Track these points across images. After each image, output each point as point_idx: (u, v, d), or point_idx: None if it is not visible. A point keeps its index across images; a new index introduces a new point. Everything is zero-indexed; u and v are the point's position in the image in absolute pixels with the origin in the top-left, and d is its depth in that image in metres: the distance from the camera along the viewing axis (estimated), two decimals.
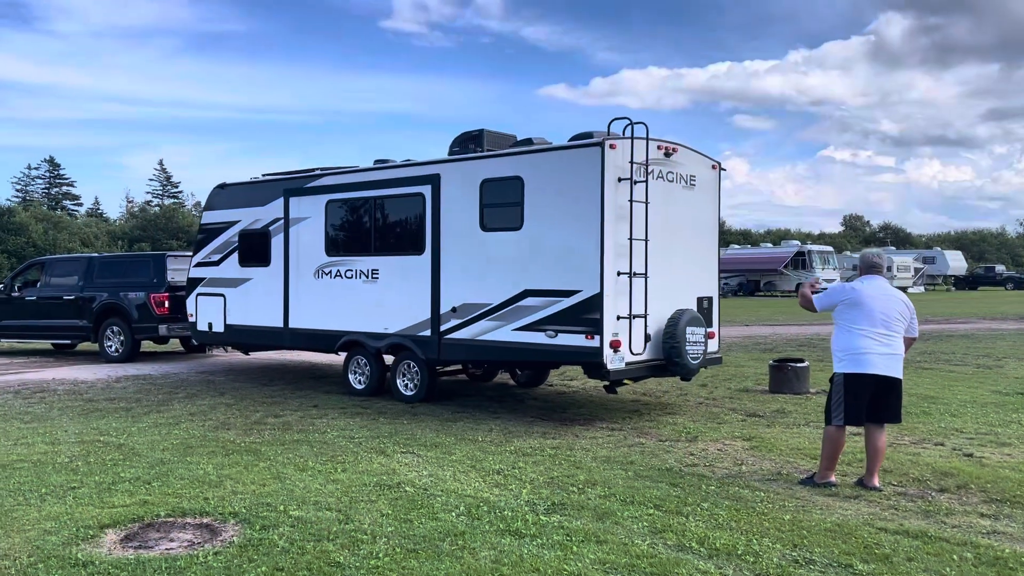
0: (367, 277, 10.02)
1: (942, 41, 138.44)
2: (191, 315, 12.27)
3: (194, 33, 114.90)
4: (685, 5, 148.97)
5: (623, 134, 8.28)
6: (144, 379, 11.86)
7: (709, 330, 8.92)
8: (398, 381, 9.75)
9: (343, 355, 10.44)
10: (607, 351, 7.93)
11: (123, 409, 9.27)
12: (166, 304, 13.74)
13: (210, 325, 11.92)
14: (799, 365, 10.54)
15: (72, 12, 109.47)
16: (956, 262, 61.97)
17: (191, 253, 12.77)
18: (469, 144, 9.61)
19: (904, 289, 53.59)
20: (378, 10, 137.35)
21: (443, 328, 9.19)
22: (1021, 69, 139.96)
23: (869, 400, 5.88)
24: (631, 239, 8.10)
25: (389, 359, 10.02)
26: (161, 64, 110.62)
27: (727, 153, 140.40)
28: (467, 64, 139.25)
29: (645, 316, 8.26)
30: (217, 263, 11.88)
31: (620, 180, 8.05)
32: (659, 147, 8.52)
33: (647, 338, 8.31)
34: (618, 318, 8.03)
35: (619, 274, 8.04)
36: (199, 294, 12.11)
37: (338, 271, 10.32)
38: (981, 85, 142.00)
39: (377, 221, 10.03)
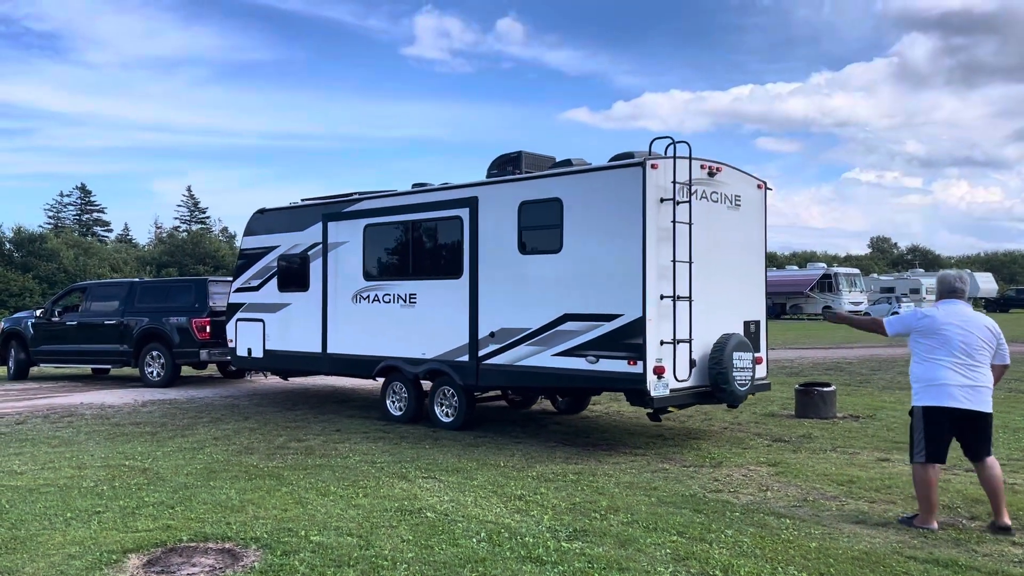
0: (405, 302, 9.94)
1: (968, 62, 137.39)
2: (231, 340, 12.28)
3: (221, 62, 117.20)
4: (706, 28, 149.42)
5: (665, 154, 8.09)
6: (170, 403, 11.96)
7: (757, 355, 8.65)
8: (436, 408, 9.63)
9: (381, 381, 10.37)
10: (650, 377, 7.69)
11: (148, 433, 9.35)
12: (207, 329, 13.82)
13: (249, 351, 11.92)
14: (826, 390, 10.41)
15: (103, 43, 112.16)
16: (987, 284, 61.02)
17: (231, 278, 12.86)
18: (507, 166, 9.50)
19: None
20: (401, 38, 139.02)
21: (481, 353, 9.05)
22: None
23: (957, 436, 5.49)
24: (674, 261, 7.90)
25: (427, 385, 9.93)
26: (190, 92, 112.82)
27: None
28: (489, 89, 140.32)
29: (690, 341, 8.01)
30: (256, 288, 11.91)
31: (662, 201, 7.88)
32: (702, 166, 8.33)
33: (692, 364, 8.07)
34: (662, 343, 7.80)
35: (662, 297, 7.83)
36: (239, 319, 12.13)
37: (376, 296, 10.27)
38: (1008, 106, 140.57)
39: (415, 245, 9.96)
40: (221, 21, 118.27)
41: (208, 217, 77.65)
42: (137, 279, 17.49)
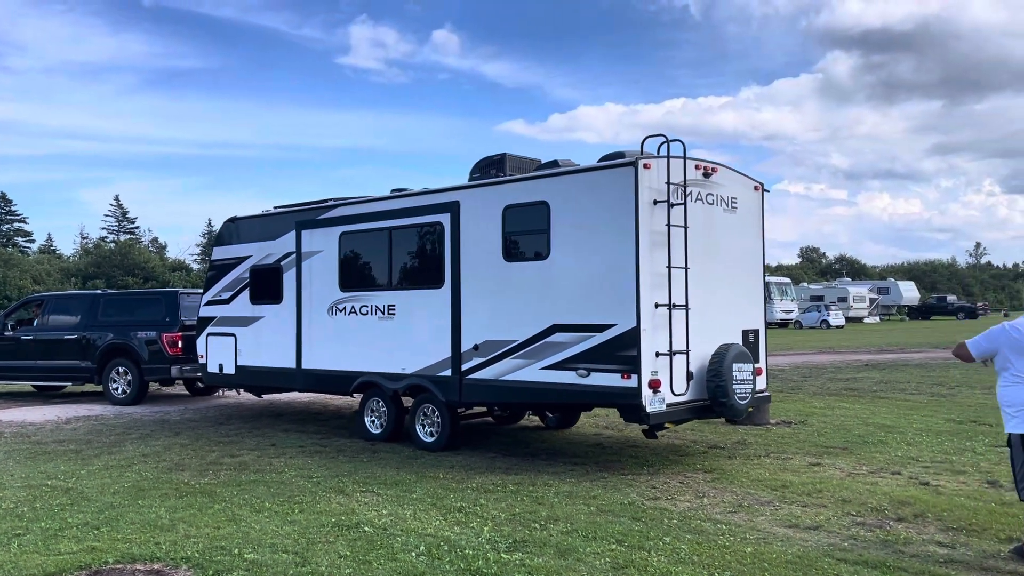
0: (383, 313, 9.44)
1: (887, 78, 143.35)
2: (201, 356, 11.74)
3: (151, 69, 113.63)
4: (640, 43, 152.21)
5: (658, 153, 7.63)
6: (96, 420, 11.54)
7: (757, 366, 8.27)
8: (417, 426, 9.05)
9: (358, 398, 9.89)
10: (645, 392, 7.20)
11: (73, 452, 8.99)
12: (179, 344, 13.25)
13: (221, 367, 11.39)
14: (759, 396, 10.61)
15: (26, 48, 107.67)
16: (909, 292, 63.51)
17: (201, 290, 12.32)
18: (490, 169, 9.01)
19: (860, 319, 54.72)
20: (336, 47, 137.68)
21: (464, 368, 8.54)
22: (963, 106, 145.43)
23: None
24: (669, 267, 7.42)
25: (408, 402, 9.38)
26: (117, 100, 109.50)
27: None
28: (426, 100, 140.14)
29: (687, 352, 7.55)
30: (228, 301, 11.41)
31: (656, 203, 7.41)
32: (697, 167, 7.85)
33: (689, 376, 7.58)
34: (657, 355, 7.32)
35: (657, 306, 7.36)
36: (210, 334, 11.61)
37: (352, 307, 9.75)
38: (926, 121, 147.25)
39: (393, 253, 9.45)
40: (150, 28, 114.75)
41: (137, 227, 75.38)
42: (100, 292, 16.58)
